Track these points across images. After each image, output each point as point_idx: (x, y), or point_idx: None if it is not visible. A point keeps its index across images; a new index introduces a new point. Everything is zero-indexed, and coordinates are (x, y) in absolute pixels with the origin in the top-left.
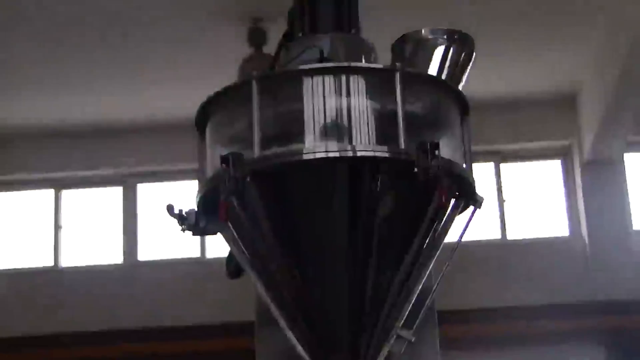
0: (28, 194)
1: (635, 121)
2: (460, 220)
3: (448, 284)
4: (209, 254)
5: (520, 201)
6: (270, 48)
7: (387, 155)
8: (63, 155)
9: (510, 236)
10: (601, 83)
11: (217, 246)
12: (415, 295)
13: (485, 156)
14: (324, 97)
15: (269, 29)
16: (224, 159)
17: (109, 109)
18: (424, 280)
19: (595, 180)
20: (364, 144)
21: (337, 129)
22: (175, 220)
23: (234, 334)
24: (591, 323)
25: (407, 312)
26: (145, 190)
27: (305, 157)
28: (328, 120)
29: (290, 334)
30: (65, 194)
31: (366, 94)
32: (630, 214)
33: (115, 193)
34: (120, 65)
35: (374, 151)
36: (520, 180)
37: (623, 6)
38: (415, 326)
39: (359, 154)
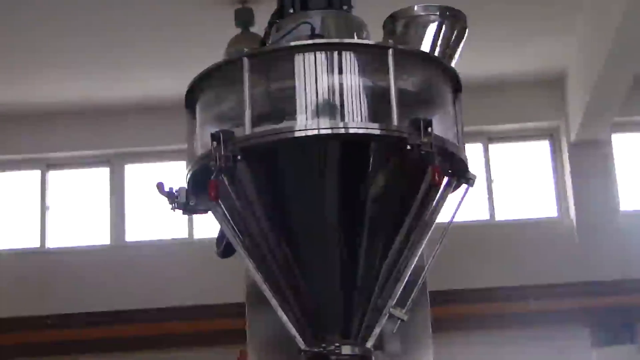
0: (15, 175)
1: (622, 102)
2: (451, 199)
3: (437, 264)
4: (197, 235)
5: (508, 182)
6: (257, 29)
7: (379, 132)
8: (50, 135)
9: (498, 217)
10: (589, 64)
11: (205, 227)
12: (408, 275)
13: (473, 137)
14: (315, 74)
15: (256, 9)
16: (214, 137)
17: (97, 90)
18: (415, 260)
19: (582, 161)
20: (356, 121)
21: (329, 107)
22: (165, 199)
23: (224, 315)
24: (578, 304)
25: (399, 292)
26: (133, 171)
27: (297, 134)
28: (320, 97)
29: (281, 314)
30: (52, 174)
31: (358, 71)
32: (617, 195)
33: (103, 174)
34: (108, 46)
35: (366, 128)
36: (508, 161)
37: None
38: (407, 305)
39: (351, 131)
